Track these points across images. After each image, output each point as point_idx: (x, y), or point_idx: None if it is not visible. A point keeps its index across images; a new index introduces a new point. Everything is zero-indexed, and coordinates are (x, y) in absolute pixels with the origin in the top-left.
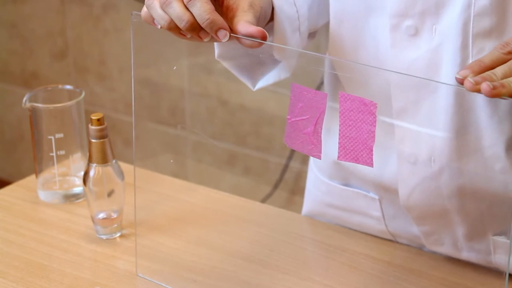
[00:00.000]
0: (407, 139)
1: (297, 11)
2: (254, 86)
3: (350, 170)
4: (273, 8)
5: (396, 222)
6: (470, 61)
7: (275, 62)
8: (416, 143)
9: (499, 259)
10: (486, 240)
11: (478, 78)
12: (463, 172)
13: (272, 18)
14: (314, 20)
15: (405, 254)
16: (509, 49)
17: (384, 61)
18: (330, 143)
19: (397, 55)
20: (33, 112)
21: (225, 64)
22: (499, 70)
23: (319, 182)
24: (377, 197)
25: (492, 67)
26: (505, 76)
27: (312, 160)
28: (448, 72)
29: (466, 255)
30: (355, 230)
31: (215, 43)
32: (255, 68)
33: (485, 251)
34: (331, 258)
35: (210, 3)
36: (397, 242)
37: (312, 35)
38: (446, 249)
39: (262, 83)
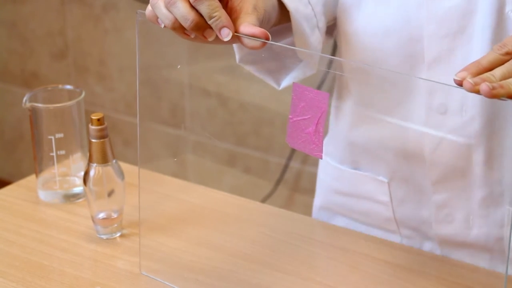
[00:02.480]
0: (437, 89)
1: (312, 9)
2: (279, 85)
3: (364, 147)
4: (280, 10)
5: (404, 206)
6: (507, 7)
7: (298, 61)
8: (447, 93)
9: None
10: (501, 209)
11: (477, 79)
12: (492, 121)
13: (277, 22)
14: (330, 12)
15: (405, 254)
16: (506, 50)
17: (418, 12)
18: (341, 125)
19: (432, 4)
20: (33, 112)
21: (248, 68)
22: (498, 72)
23: (330, 168)
24: (386, 180)
25: (489, 68)
26: (504, 77)
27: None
28: (482, 20)
29: (476, 233)
30: (355, 231)
31: (235, 47)
32: (279, 69)
33: (499, 222)
34: (331, 258)
35: (217, 0)
36: (397, 243)
37: (330, 31)
38: (455, 227)
39: (287, 81)
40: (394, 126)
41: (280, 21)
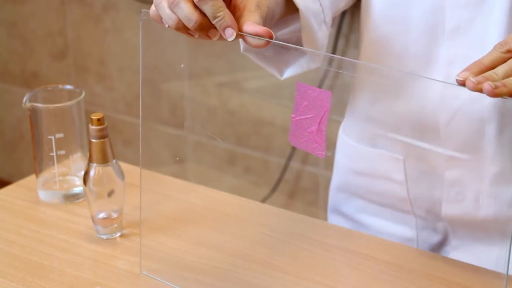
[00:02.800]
0: (456, 60)
1: (320, 5)
2: (281, 76)
3: (382, 123)
4: (285, 5)
5: (418, 185)
6: None
7: (302, 54)
8: (466, 63)
9: None
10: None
11: (480, 78)
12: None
13: (280, 17)
14: (335, 6)
15: (405, 254)
16: (507, 48)
17: None
18: (360, 102)
19: None
20: (33, 112)
21: (252, 57)
22: (500, 70)
23: (347, 147)
24: (401, 157)
25: (491, 67)
26: (506, 75)
27: (341, 129)
28: None
29: (484, 212)
30: (355, 230)
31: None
32: (282, 60)
33: (508, 201)
34: (331, 258)
35: (222, 0)
36: (397, 242)
37: (333, 23)
38: (465, 207)
39: (290, 72)
40: (412, 99)
41: (284, 16)
